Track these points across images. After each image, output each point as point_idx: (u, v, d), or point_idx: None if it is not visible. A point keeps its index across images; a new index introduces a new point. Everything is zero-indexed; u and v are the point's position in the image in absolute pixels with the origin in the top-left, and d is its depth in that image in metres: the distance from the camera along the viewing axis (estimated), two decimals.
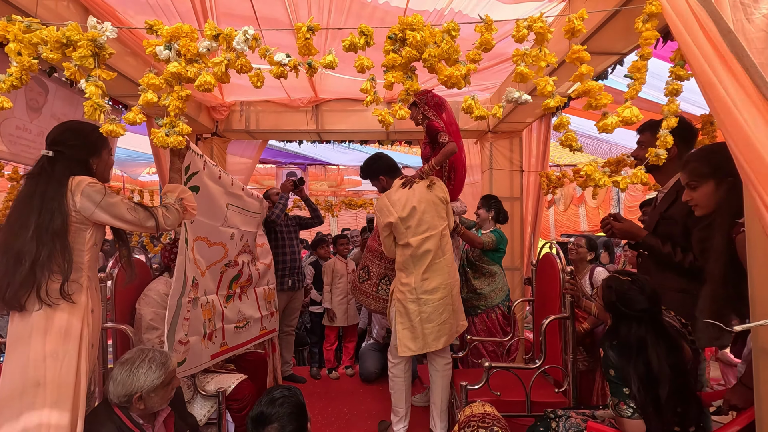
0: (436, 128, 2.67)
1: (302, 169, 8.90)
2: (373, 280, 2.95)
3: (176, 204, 1.73)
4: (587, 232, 9.98)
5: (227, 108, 4.13)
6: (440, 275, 2.55)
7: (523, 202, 4.25)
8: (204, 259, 2.35)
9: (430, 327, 2.51)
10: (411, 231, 2.51)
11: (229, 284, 2.66)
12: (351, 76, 3.84)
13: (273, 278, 3.23)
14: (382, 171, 2.75)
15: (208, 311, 2.32)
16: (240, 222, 2.70)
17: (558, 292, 2.54)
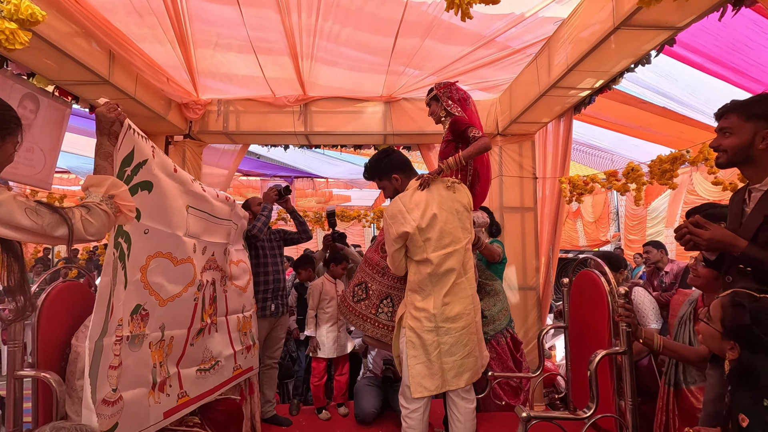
0: (463, 122, 2.30)
1: (289, 182, 8.39)
2: (373, 300, 2.42)
3: (104, 204, 1.21)
4: (586, 247, 9.61)
5: (202, 107, 3.62)
6: (463, 299, 2.11)
7: (537, 213, 3.79)
8: (170, 283, 1.77)
9: (451, 361, 2.10)
10: (431, 245, 2.07)
11: (201, 315, 2.08)
12: (345, 68, 3.38)
13: (250, 304, 2.65)
14: (394, 167, 2.24)
15: (159, 352, 1.74)
16: (202, 230, 2.07)
17: (606, 320, 2.04)
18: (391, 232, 2.10)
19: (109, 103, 1.39)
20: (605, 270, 2.11)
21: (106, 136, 1.37)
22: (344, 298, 2.54)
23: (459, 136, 2.34)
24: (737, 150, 1.50)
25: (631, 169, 2.62)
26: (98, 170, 1.33)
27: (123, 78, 2.77)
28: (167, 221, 1.72)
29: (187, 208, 1.86)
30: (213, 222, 2.16)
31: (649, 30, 2.07)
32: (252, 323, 2.58)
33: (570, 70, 2.53)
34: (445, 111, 2.43)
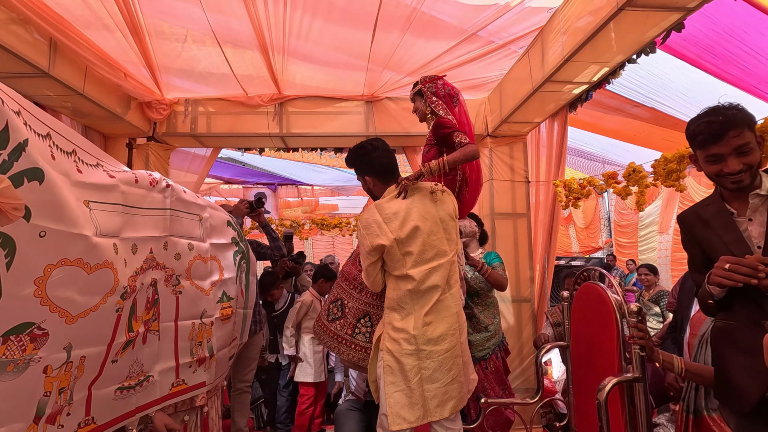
0: (447, 125, 2.04)
1: (272, 189, 8.09)
2: (349, 320, 2.15)
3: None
4: (579, 254, 9.43)
5: (167, 106, 3.32)
6: (447, 318, 1.88)
7: (530, 219, 3.55)
8: (83, 296, 1.42)
9: (434, 389, 1.86)
10: (412, 259, 1.84)
11: (128, 325, 1.72)
12: (321, 65, 3.12)
13: (215, 309, 2.24)
14: (370, 168, 1.96)
15: (64, 377, 1.40)
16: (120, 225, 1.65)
17: (615, 341, 1.79)
18: (366, 244, 1.86)
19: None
20: (613, 284, 1.86)
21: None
22: (319, 317, 2.26)
23: (443, 141, 2.08)
24: (758, 164, 1.35)
25: (633, 170, 2.38)
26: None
27: (68, 71, 2.47)
28: (71, 220, 1.35)
29: (85, 203, 1.47)
30: (135, 214, 1.75)
31: (657, 11, 1.84)
32: (214, 331, 2.20)
33: (566, 62, 2.31)
34: (429, 108, 2.18)
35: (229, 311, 2.32)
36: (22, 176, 1.14)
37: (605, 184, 2.58)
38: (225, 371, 2.40)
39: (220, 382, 2.35)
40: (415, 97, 2.24)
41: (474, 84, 3.44)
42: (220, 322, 2.27)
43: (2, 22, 2.16)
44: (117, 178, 1.65)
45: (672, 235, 7.74)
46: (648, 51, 2.16)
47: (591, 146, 6.25)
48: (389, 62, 3.03)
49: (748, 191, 1.38)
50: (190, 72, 3.10)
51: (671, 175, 2.02)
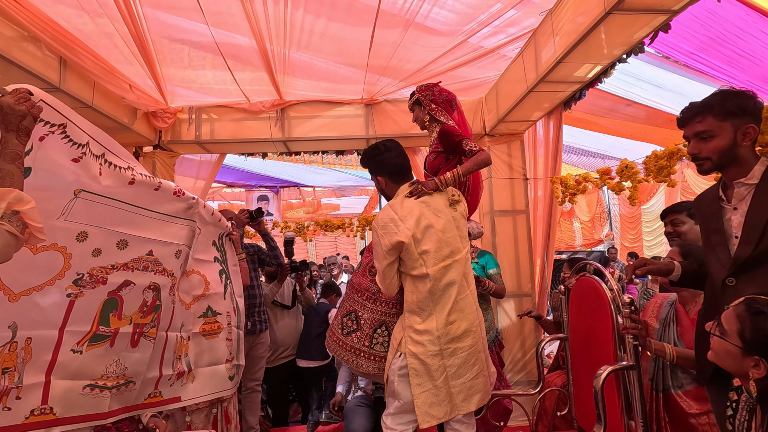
0: (455, 133, 2.04)
1: (274, 192, 8.18)
2: (365, 331, 2.12)
3: (6, 221, 0.99)
4: (581, 247, 9.49)
5: (172, 115, 3.41)
6: (469, 314, 1.91)
7: (529, 216, 3.62)
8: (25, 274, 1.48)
9: (459, 384, 1.90)
10: (430, 257, 1.85)
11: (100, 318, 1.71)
12: (318, 77, 3.20)
13: (192, 324, 2.20)
14: (382, 169, 1.98)
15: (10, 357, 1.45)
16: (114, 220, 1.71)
17: (610, 331, 1.86)
18: (383, 244, 1.86)
19: (19, 91, 1.15)
20: (607, 276, 1.94)
21: (14, 133, 1.11)
22: (332, 331, 2.23)
23: (451, 149, 2.09)
24: (722, 153, 1.38)
25: (626, 167, 2.45)
26: (3, 177, 1.08)
27: (77, 85, 2.56)
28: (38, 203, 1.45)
29: (76, 192, 1.55)
30: (144, 215, 1.81)
31: (643, 14, 1.92)
32: (191, 346, 2.15)
33: (558, 63, 2.38)
34: (429, 116, 2.19)
35: (215, 326, 2.25)
36: None
37: (600, 180, 2.65)
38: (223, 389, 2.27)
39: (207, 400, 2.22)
40: (414, 106, 2.24)
41: (471, 85, 3.51)
42: (201, 337, 2.19)
43: (14, 40, 2.24)
44: (137, 181, 1.73)
45: None
46: (637, 51, 2.23)
47: (590, 145, 6.32)
48: (387, 66, 3.11)
49: (732, 178, 1.44)
50: (193, 81, 3.19)
51: (662, 171, 2.09)
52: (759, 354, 1.05)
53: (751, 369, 1.06)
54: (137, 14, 2.36)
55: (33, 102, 1.16)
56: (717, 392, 1.49)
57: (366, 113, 3.63)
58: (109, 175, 1.63)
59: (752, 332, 1.08)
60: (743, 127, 1.35)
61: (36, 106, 1.16)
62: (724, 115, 1.36)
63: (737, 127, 1.36)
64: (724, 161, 1.40)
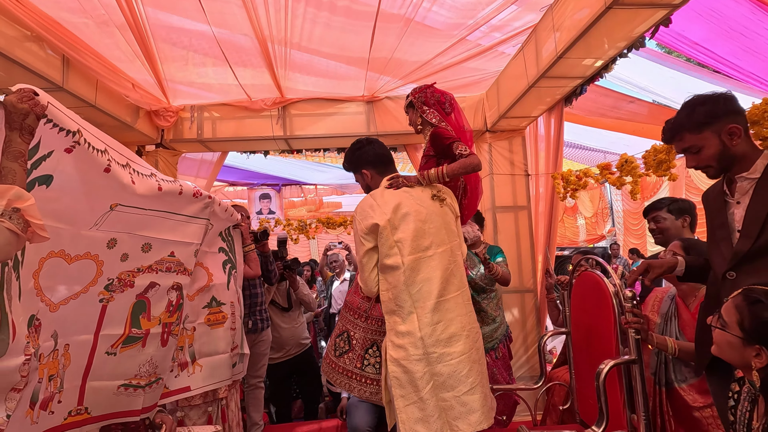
0: (446, 135, 1.91)
1: (276, 190, 8.19)
2: (357, 352, 2.04)
3: (6, 219, 0.99)
4: (584, 242, 9.48)
5: (174, 114, 3.42)
6: (459, 317, 1.74)
7: (531, 212, 3.63)
8: (62, 285, 1.51)
9: (450, 398, 1.67)
10: (406, 246, 1.71)
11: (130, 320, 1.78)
12: (319, 75, 3.21)
13: (197, 314, 2.24)
14: (364, 161, 1.93)
15: (52, 364, 1.49)
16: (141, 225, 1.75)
17: (612, 325, 1.87)
18: (360, 228, 1.76)
19: (24, 90, 1.15)
20: (609, 271, 1.95)
21: (18, 132, 1.11)
22: (326, 354, 2.13)
23: (442, 152, 1.95)
24: (718, 158, 1.41)
25: (625, 161, 2.45)
26: (4, 174, 1.08)
27: (80, 84, 2.57)
28: (68, 217, 1.46)
29: (113, 206, 1.57)
30: (167, 218, 1.85)
31: (644, 8, 1.91)
32: (197, 336, 2.20)
33: (559, 58, 2.37)
34: (421, 119, 2.02)
35: (219, 316, 2.29)
36: (35, 182, 1.27)
37: (600, 175, 2.65)
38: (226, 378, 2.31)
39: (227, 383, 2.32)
40: (408, 109, 2.12)
41: (472, 81, 3.51)
42: (207, 327, 2.24)
43: (17, 40, 2.26)
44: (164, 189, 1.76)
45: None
46: (638, 45, 2.22)
47: (591, 141, 6.31)
48: (388, 64, 3.11)
49: (734, 173, 1.45)
50: (195, 79, 3.19)
51: (661, 165, 2.08)
52: (759, 343, 1.06)
53: (753, 359, 1.07)
54: (139, 13, 2.37)
55: (37, 101, 1.16)
56: (718, 384, 1.50)
57: (367, 110, 3.63)
58: (141, 184, 1.67)
59: (751, 321, 1.09)
60: (725, 129, 1.37)
61: (39, 105, 1.16)
62: (698, 128, 1.39)
63: (718, 132, 1.38)
64: (725, 164, 1.43)
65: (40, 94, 1.20)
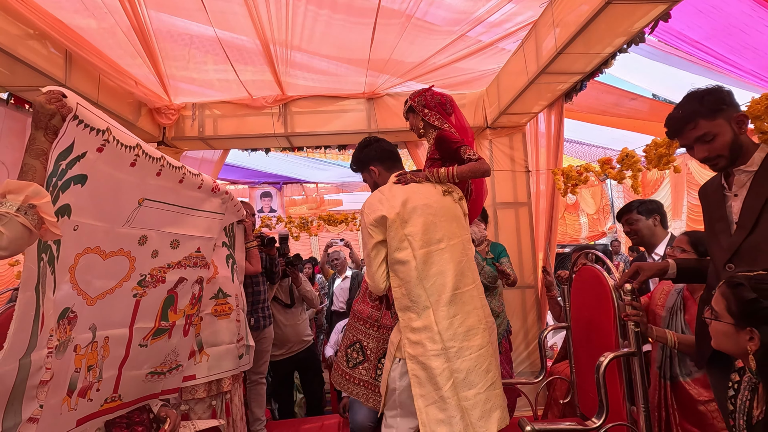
0: (453, 139, 1.86)
1: (277, 188, 8.21)
2: (371, 361, 1.96)
3: (22, 214, 1.02)
4: (585, 239, 9.48)
5: (176, 111, 3.44)
6: (475, 310, 1.71)
7: (532, 208, 3.64)
8: (99, 279, 1.57)
9: (472, 396, 1.61)
10: (416, 239, 1.68)
11: (161, 314, 1.87)
12: (320, 73, 3.22)
13: (205, 305, 2.29)
14: (372, 158, 1.92)
15: (91, 355, 1.56)
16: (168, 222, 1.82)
17: (611, 318, 1.88)
18: (368, 222, 1.72)
19: (52, 92, 1.18)
20: (609, 265, 1.96)
21: (42, 131, 1.15)
22: (337, 365, 2.07)
23: (448, 156, 1.90)
24: (730, 147, 1.41)
25: (626, 155, 2.46)
26: (25, 171, 1.12)
27: (83, 82, 2.59)
28: (101, 214, 1.51)
29: (140, 201, 1.64)
30: (190, 215, 1.93)
31: (643, 3, 1.92)
32: (204, 326, 2.25)
33: (559, 54, 2.38)
34: (423, 122, 1.99)
35: (226, 308, 2.35)
36: (70, 181, 1.33)
37: (600, 170, 2.66)
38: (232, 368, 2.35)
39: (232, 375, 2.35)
40: (408, 114, 2.08)
41: (472, 78, 3.52)
42: (214, 317, 2.30)
43: (20, 38, 2.27)
44: (185, 182, 1.84)
45: (685, 221, 7.72)
46: (638, 41, 2.23)
47: (593, 138, 6.31)
48: (388, 62, 3.12)
49: (734, 167, 1.46)
50: (196, 77, 3.21)
51: (662, 159, 2.10)
52: (750, 324, 1.08)
53: (748, 343, 1.09)
54: (141, 13, 2.39)
55: (64, 103, 1.19)
56: (718, 376, 1.51)
57: (368, 107, 3.64)
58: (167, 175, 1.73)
59: (737, 305, 1.12)
60: (734, 117, 1.39)
61: (66, 106, 1.19)
62: (713, 114, 1.39)
63: (728, 119, 1.39)
64: (735, 154, 1.42)
65: (69, 96, 1.23)
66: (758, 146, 1.44)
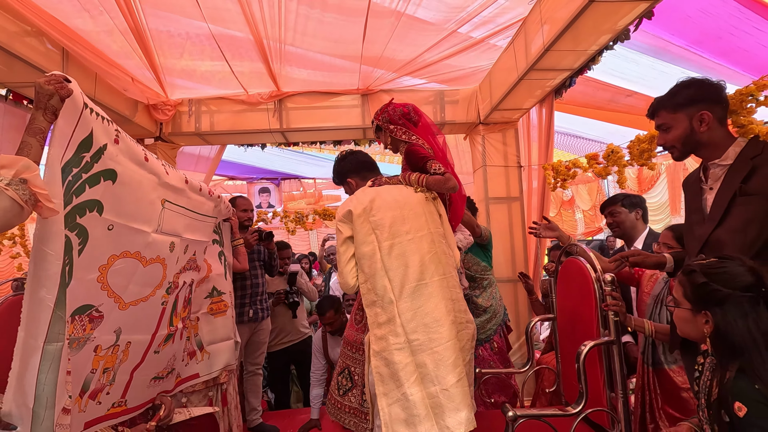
0: (420, 155, 1.86)
1: (275, 184, 8.26)
2: (359, 387, 1.91)
3: (13, 187, 1.06)
4: (581, 236, 9.53)
5: (172, 107, 3.48)
6: (444, 300, 1.68)
7: (523, 203, 3.69)
8: (136, 286, 1.60)
9: (437, 392, 1.55)
10: (384, 231, 1.68)
11: (170, 319, 1.92)
12: (314, 68, 3.26)
13: (200, 304, 2.35)
14: (349, 171, 2.00)
15: (110, 358, 1.59)
16: (183, 227, 1.88)
17: (593, 308, 1.94)
18: (337, 219, 1.77)
19: (54, 75, 1.23)
20: (591, 257, 2.01)
21: (41, 111, 1.19)
22: (330, 394, 2.03)
23: (418, 169, 1.91)
24: (683, 140, 1.51)
25: (612, 151, 2.52)
26: (22, 147, 1.16)
27: (80, 78, 2.59)
28: (135, 216, 1.54)
29: (162, 202, 1.68)
30: (194, 219, 1.98)
31: (626, 2, 1.96)
32: (201, 326, 2.30)
33: (547, 51, 2.43)
34: (391, 138, 1.98)
35: (221, 305, 2.41)
36: (100, 176, 1.36)
37: (588, 165, 2.72)
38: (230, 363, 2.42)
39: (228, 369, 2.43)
40: (377, 133, 2.07)
41: (465, 74, 3.56)
42: (210, 316, 2.35)
43: (17, 35, 2.31)
44: (188, 184, 1.89)
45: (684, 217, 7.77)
46: (623, 38, 2.28)
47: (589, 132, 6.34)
48: (381, 57, 3.16)
49: (708, 160, 1.52)
50: (191, 73, 3.25)
51: (643, 155, 2.15)
52: (704, 308, 1.15)
53: (704, 326, 1.15)
54: (136, 10, 2.43)
55: (64, 85, 1.23)
56: (689, 360, 1.58)
57: (362, 103, 3.69)
58: (173, 174, 1.78)
59: (691, 289, 1.19)
60: (697, 114, 1.46)
61: (66, 88, 1.23)
62: (675, 108, 1.49)
63: (691, 116, 1.47)
64: (688, 148, 1.52)
65: (72, 82, 1.26)
66: (734, 140, 1.49)
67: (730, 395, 1.03)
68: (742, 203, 1.35)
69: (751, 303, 1.06)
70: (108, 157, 1.38)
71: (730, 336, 1.06)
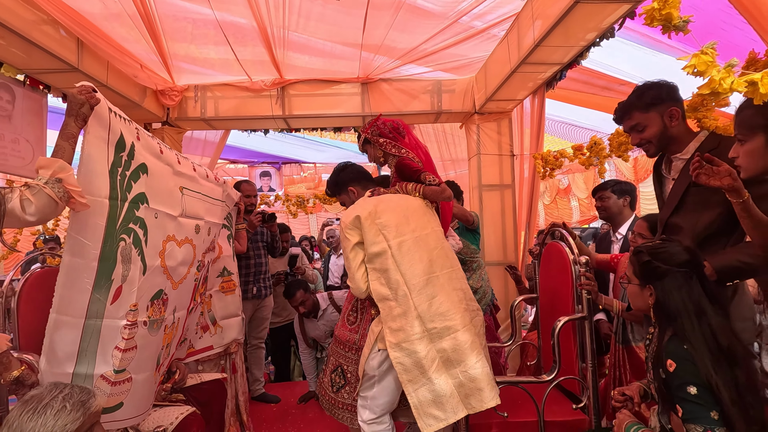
0: (412, 168, 1.97)
1: (276, 168, 8.39)
2: (352, 384, 1.97)
3: (50, 186, 1.22)
4: (576, 224, 9.70)
5: (179, 93, 3.61)
6: (455, 290, 1.81)
7: (515, 190, 3.85)
8: (180, 266, 1.78)
9: (459, 373, 1.68)
10: (391, 231, 1.78)
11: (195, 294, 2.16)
12: (316, 55, 3.38)
13: (213, 283, 2.55)
14: (350, 180, 2.11)
15: (170, 334, 1.79)
16: (204, 211, 2.07)
17: (570, 288, 2.12)
18: (344, 226, 1.83)
19: (85, 86, 1.38)
20: (569, 240, 2.19)
21: (73, 117, 1.34)
22: (324, 390, 2.12)
23: (409, 180, 2.02)
24: (659, 137, 1.62)
25: (594, 143, 2.67)
26: (57, 151, 1.32)
27: (93, 65, 2.77)
28: (166, 203, 1.71)
29: (180, 189, 1.85)
30: (210, 203, 2.18)
31: (610, 3, 2.09)
32: (214, 302, 2.51)
33: (537, 46, 2.55)
34: (382, 152, 2.08)
35: (231, 284, 2.61)
36: (138, 171, 1.53)
37: (573, 155, 2.87)
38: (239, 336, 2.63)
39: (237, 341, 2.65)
40: (365, 146, 2.14)
41: (463, 64, 3.67)
42: (222, 294, 2.56)
43: (34, 23, 2.44)
44: (197, 171, 2.08)
45: None
46: (608, 36, 2.41)
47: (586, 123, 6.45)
48: (381, 47, 3.27)
49: (671, 154, 1.68)
50: (197, 60, 3.37)
51: (620, 147, 2.30)
52: (648, 282, 1.33)
53: (649, 299, 1.33)
54: None
55: (93, 95, 1.39)
56: None
57: (362, 91, 3.82)
58: (184, 163, 1.95)
59: (637, 267, 1.36)
60: (667, 111, 1.59)
61: (95, 98, 1.39)
62: (647, 107, 1.61)
63: (662, 113, 1.60)
64: (663, 143, 1.64)
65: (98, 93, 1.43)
66: (695, 135, 1.65)
67: (664, 354, 1.22)
68: (695, 193, 1.51)
69: (685, 278, 1.23)
70: (137, 152, 1.55)
71: (666, 305, 1.24)
